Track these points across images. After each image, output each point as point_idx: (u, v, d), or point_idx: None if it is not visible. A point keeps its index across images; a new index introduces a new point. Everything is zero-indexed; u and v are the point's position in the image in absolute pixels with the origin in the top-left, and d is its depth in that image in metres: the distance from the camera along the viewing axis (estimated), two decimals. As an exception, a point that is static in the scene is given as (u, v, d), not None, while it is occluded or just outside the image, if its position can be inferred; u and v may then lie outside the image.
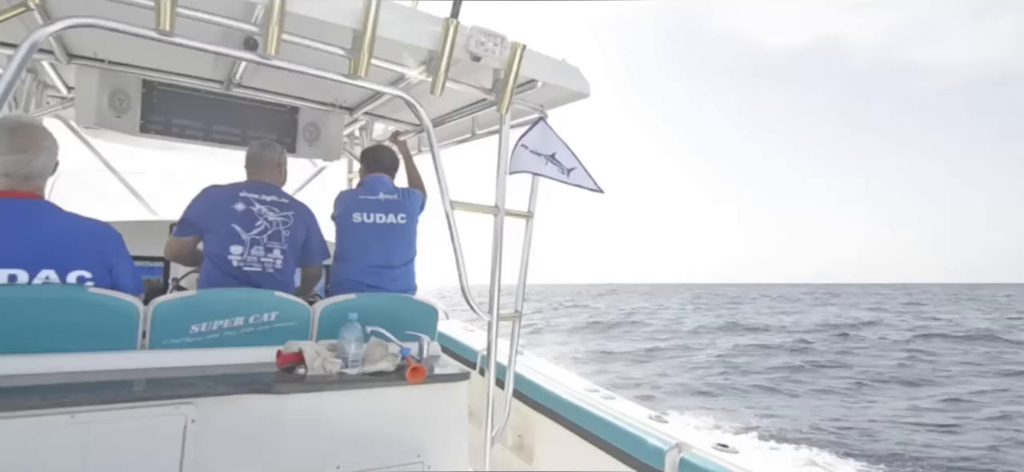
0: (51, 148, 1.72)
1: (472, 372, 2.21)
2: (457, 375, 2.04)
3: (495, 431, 2.13)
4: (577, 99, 2.30)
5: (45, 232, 1.67)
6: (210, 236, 2.29)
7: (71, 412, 1.43)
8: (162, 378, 1.65)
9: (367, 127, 3.77)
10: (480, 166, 2.27)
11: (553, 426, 2.58)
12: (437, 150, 1.99)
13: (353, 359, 1.89)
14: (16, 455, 1.36)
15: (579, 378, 2.88)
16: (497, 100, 2.02)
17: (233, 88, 2.90)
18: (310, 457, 1.75)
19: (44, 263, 1.64)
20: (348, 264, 2.72)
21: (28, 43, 1.31)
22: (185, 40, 1.55)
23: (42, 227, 1.67)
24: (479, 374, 2.80)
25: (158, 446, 1.53)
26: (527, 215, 2.24)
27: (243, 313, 1.94)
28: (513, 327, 2.25)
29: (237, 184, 2.39)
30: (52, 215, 1.71)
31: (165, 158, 3.77)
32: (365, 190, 2.80)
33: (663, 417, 2.27)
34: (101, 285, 1.73)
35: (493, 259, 2.11)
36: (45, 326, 1.62)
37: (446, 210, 2.00)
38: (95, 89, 2.67)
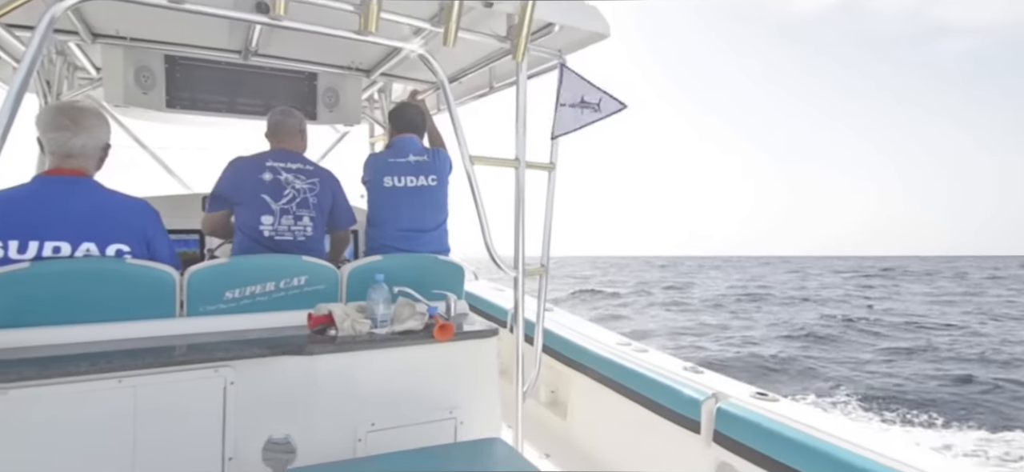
0: (92, 127, 1.78)
1: (502, 331, 2.23)
2: (485, 331, 2.05)
3: (526, 387, 2.15)
4: (596, 40, 2.21)
5: (86, 207, 1.74)
6: (241, 208, 2.33)
7: (119, 376, 1.50)
8: (201, 343, 1.71)
9: (385, 89, 3.74)
10: (506, 125, 2.21)
11: (586, 381, 2.59)
12: (453, 105, 1.96)
13: (382, 319, 1.92)
14: (70, 417, 1.45)
15: (610, 332, 2.87)
16: (512, 48, 1.96)
17: (251, 57, 2.90)
18: (345, 415, 1.81)
19: (85, 236, 1.72)
20: (380, 228, 2.74)
21: (46, 18, 1.33)
22: (196, 6, 1.54)
23: (84, 202, 1.74)
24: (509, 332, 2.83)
25: (201, 406, 1.60)
26: (549, 167, 2.20)
27: (274, 278, 1.99)
28: (540, 282, 2.24)
29: (262, 154, 2.41)
30: (93, 191, 1.78)
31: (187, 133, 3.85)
32: (394, 152, 2.78)
33: (698, 368, 2.25)
34: (139, 257, 1.80)
35: (516, 213, 2.09)
36: (88, 297, 1.69)
37: (466, 166, 1.98)
38: (121, 67, 2.71)
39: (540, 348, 2.25)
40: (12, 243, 1.64)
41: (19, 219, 1.66)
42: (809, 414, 1.78)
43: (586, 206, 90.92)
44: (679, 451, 2.09)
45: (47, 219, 1.68)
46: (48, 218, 1.69)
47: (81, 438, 1.46)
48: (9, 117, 1.31)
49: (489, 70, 2.88)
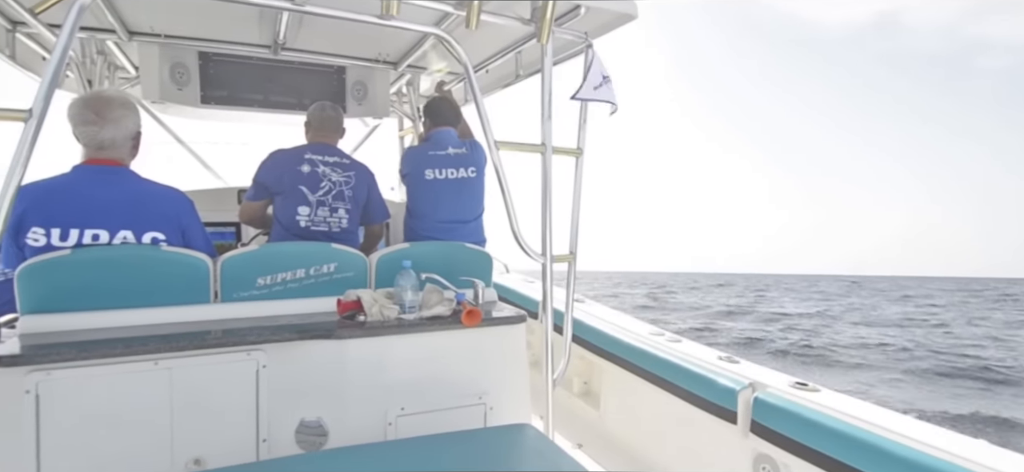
0: (119, 118, 1.80)
1: (532, 322, 2.21)
2: (513, 318, 2.03)
3: (556, 375, 2.12)
4: (623, 22, 2.17)
5: (123, 196, 1.79)
6: (279, 199, 2.39)
7: (155, 359, 1.53)
8: (233, 327, 1.74)
9: (413, 82, 3.75)
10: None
11: (619, 371, 2.55)
12: (478, 91, 1.94)
13: (410, 305, 1.92)
14: (109, 397, 1.49)
15: (642, 323, 2.81)
16: (536, 31, 1.93)
17: (280, 51, 2.94)
18: (375, 399, 1.81)
19: (123, 224, 1.77)
20: (421, 220, 2.77)
21: (76, 7, 1.36)
22: None
23: (121, 191, 1.79)
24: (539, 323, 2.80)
25: (234, 388, 1.63)
26: (576, 152, 2.16)
27: (304, 265, 2.01)
28: (569, 270, 2.20)
29: (301, 147, 2.47)
30: (130, 180, 1.83)
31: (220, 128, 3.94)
32: (433, 145, 2.81)
33: (734, 358, 2.19)
34: (174, 245, 1.84)
35: (543, 199, 2.06)
36: (126, 283, 1.74)
37: (491, 154, 1.96)
38: (156, 64, 2.79)
39: (569, 336, 2.22)
40: (54, 231, 1.70)
41: (60, 208, 1.71)
42: (854, 405, 1.70)
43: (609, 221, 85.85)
44: (715, 442, 2.03)
45: (86, 208, 1.74)
46: (87, 207, 1.74)
47: (120, 418, 1.50)
48: (42, 109, 1.34)
49: (515, 58, 2.85)
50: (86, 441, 1.47)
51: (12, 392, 1.41)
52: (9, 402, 1.41)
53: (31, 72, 2.88)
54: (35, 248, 1.69)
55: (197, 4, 1.52)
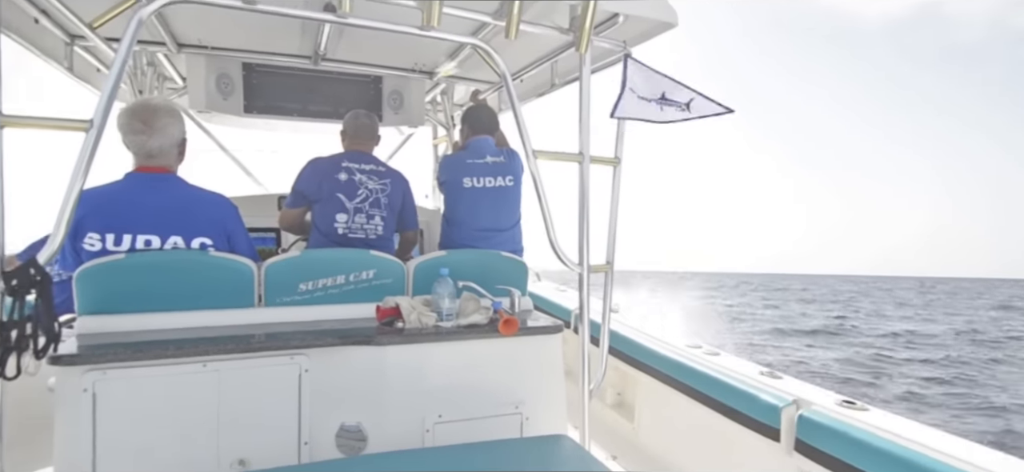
0: (165, 127, 1.87)
1: (566, 332, 2.19)
2: (550, 327, 2.03)
3: (592, 386, 2.10)
4: (663, 31, 2.15)
5: (172, 203, 1.86)
6: (317, 206, 2.44)
7: (203, 361, 1.58)
8: (277, 331, 1.78)
9: (448, 91, 3.79)
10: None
11: (654, 383, 2.51)
12: (516, 100, 1.94)
13: (447, 313, 1.93)
14: (160, 397, 1.54)
15: (679, 334, 2.77)
16: (575, 40, 1.93)
17: (320, 62, 3.02)
18: (413, 405, 1.83)
19: (173, 230, 1.83)
20: (458, 228, 2.79)
21: (133, 23, 1.42)
22: (269, 7, 1.60)
23: (170, 198, 1.86)
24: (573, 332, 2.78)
25: (278, 392, 1.66)
26: (614, 161, 2.15)
27: (344, 271, 2.04)
28: (605, 280, 2.18)
29: (339, 155, 2.52)
30: (178, 187, 1.90)
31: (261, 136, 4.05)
32: (471, 153, 2.83)
33: (776, 373, 2.13)
34: (220, 250, 1.91)
35: (580, 208, 2.05)
36: (176, 286, 1.80)
37: (529, 162, 1.96)
38: (203, 75, 2.89)
39: (606, 347, 2.19)
40: (109, 236, 1.78)
41: (114, 215, 1.79)
42: (906, 426, 1.63)
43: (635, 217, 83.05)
44: (756, 459, 1.97)
45: (138, 214, 1.81)
46: (139, 214, 1.81)
47: (170, 417, 1.55)
48: (102, 120, 1.40)
49: (551, 67, 2.86)
50: (138, 438, 1.52)
51: (71, 390, 1.47)
52: (68, 399, 1.47)
53: (86, 83, 3.02)
54: (91, 252, 1.76)
55: (243, 17, 1.57)
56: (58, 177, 1.42)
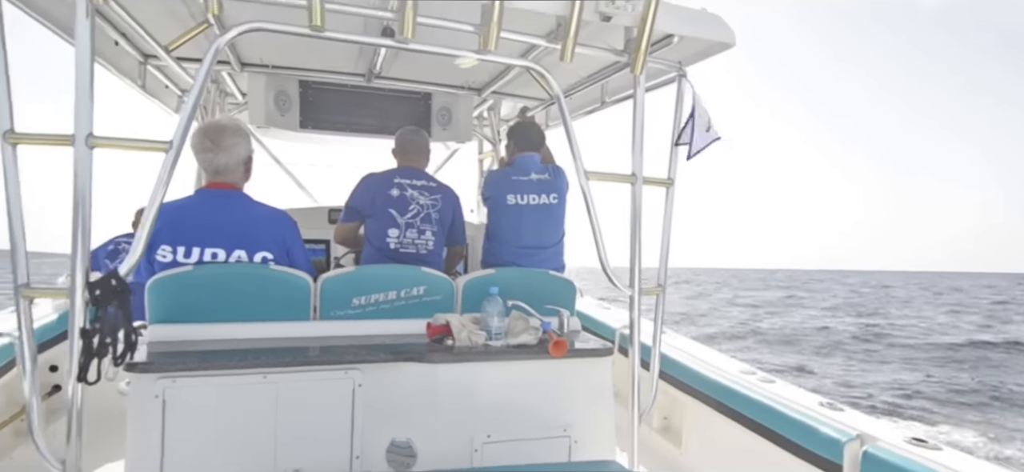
0: (232, 145, 1.96)
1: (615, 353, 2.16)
2: (599, 350, 2.00)
3: (642, 411, 2.06)
4: (720, 51, 2.11)
5: (237, 218, 1.95)
6: (370, 221, 2.51)
7: (264, 372, 1.63)
8: (332, 345, 1.82)
9: (495, 107, 3.83)
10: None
11: (704, 409, 2.44)
12: (569, 120, 1.94)
13: (496, 332, 1.94)
14: (223, 406, 1.60)
15: (730, 358, 2.69)
16: (630, 61, 1.92)
17: (374, 80, 3.10)
18: (462, 424, 1.83)
19: (237, 244, 1.92)
20: (501, 244, 2.80)
21: (212, 50, 1.49)
22: (333, 33, 1.66)
23: (235, 214, 1.95)
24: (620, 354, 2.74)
25: (332, 405, 1.70)
26: (667, 182, 2.12)
27: (395, 287, 2.08)
28: (657, 302, 2.14)
29: (391, 171, 2.58)
30: (243, 204, 1.99)
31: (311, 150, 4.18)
32: (517, 170, 2.85)
33: (837, 405, 2.04)
34: (280, 264, 1.98)
35: (632, 229, 2.03)
36: (238, 297, 1.87)
37: (581, 182, 1.95)
38: (263, 92, 3.01)
39: (656, 372, 2.15)
40: (180, 249, 1.88)
41: (185, 228, 1.89)
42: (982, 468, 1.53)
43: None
44: None
45: (206, 229, 1.91)
46: (207, 228, 1.91)
47: (232, 425, 1.61)
48: (181, 140, 1.48)
49: (601, 86, 2.85)
50: (202, 443, 1.58)
51: (144, 395, 1.54)
52: (141, 403, 1.55)
53: (156, 99, 3.19)
54: (163, 263, 1.86)
55: (303, 40, 1.64)
56: (100, 187, 1.50)
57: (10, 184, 1.39)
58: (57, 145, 1.40)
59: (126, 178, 15.15)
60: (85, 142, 1.38)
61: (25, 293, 1.43)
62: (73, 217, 1.40)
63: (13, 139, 1.38)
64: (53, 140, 1.41)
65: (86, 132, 1.38)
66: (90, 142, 1.39)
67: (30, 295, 1.44)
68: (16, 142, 1.39)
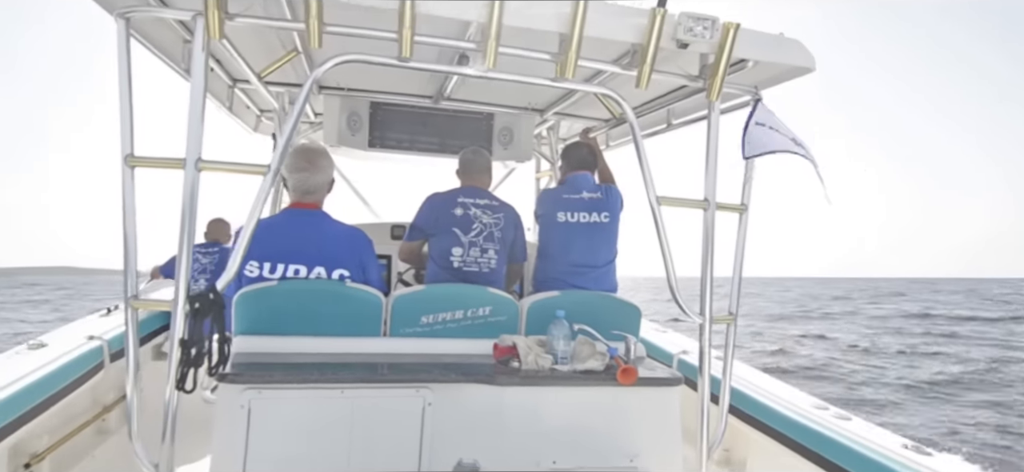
0: (325, 167, 2.11)
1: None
2: (669, 379, 1.97)
3: (711, 445, 2.00)
4: (798, 75, 2.06)
5: (319, 237, 2.05)
6: (434, 239, 2.56)
7: (341, 388, 1.70)
8: (404, 363, 1.87)
9: (555, 126, 3.86)
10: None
11: (771, 444, 2.35)
12: (641, 143, 1.94)
13: (562, 356, 1.94)
14: (303, 417, 1.67)
15: (801, 392, 2.58)
16: (706, 86, 1.90)
17: (442, 101, 3.19)
18: (528, 448, 1.84)
19: (318, 261, 2.02)
20: (551, 262, 2.81)
21: (310, 80, 1.58)
22: (416, 64, 1.72)
23: (317, 233, 2.06)
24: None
25: (403, 422, 1.74)
26: (741, 208, 2.07)
27: (462, 307, 2.12)
28: (727, 332, 2.09)
29: (454, 190, 2.64)
30: (324, 223, 2.10)
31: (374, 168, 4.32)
32: (569, 188, 2.86)
33: (923, 448, 1.92)
34: (356, 280, 2.05)
35: (704, 256, 1.99)
36: (315, 312, 1.96)
37: (652, 205, 1.94)
38: (337, 113, 3.15)
39: (726, 406, 2.08)
40: (266, 264, 1.99)
41: (272, 245, 2.00)
42: None
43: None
44: None
45: (291, 247, 2.02)
46: (291, 246, 2.02)
47: (310, 436, 1.67)
48: (279, 163, 1.57)
49: (667, 109, 2.82)
50: (282, 453, 1.65)
51: (231, 404, 1.63)
52: (228, 412, 1.63)
53: (238, 119, 3.39)
54: (250, 278, 1.97)
55: (379, 68, 1.70)
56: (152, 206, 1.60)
57: (127, 205, 1.51)
58: (170, 168, 1.51)
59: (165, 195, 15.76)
60: (194, 165, 1.49)
61: (134, 304, 1.54)
62: (179, 235, 1.51)
63: (133, 162, 1.50)
64: (167, 163, 1.52)
65: (196, 156, 1.49)
66: (199, 166, 1.50)
67: (138, 306, 1.56)
68: (135, 165, 1.51)
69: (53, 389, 2.06)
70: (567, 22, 1.67)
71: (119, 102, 1.50)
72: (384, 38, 1.62)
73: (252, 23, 1.59)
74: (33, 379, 1.98)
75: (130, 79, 1.49)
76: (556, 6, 1.66)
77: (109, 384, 2.64)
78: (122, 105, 1.49)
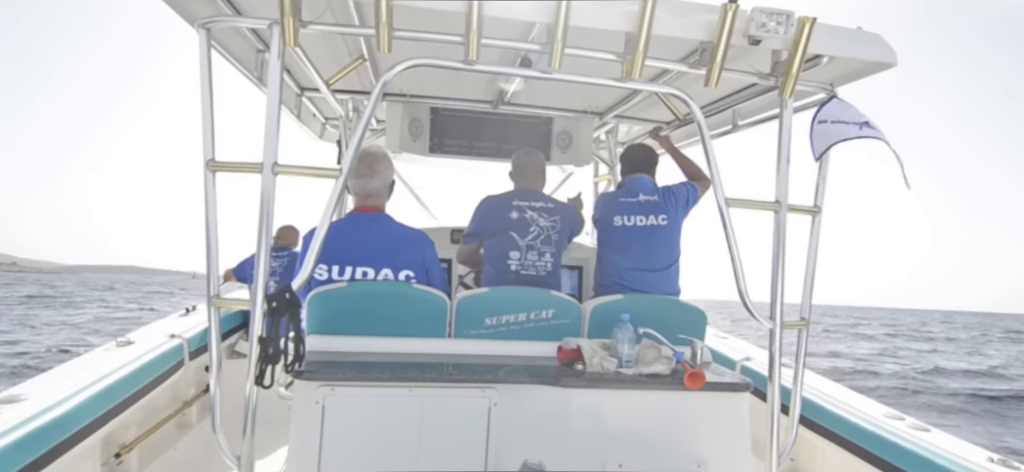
0: (384, 172, 2.18)
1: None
2: (737, 385, 1.90)
3: (781, 454, 1.91)
4: (878, 71, 1.94)
5: (384, 239, 2.12)
6: (490, 243, 2.58)
7: (409, 386, 1.74)
8: (469, 364, 1.90)
9: (613, 130, 3.81)
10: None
11: (844, 455, 2.22)
12: (710, 143, 1.88)
13: (627, 359, 1.91)
14: (374, 415, 1.72)
15: (871, 401, 2.43)
16: (779, 83, 1.82)
17: (501, 106, 3.22)
18: (594, 450, 1.82)
19: (384, 263, 2.08)
20: (610, 267, 2.78)
21: (379, 86, 1.62)
22: (484, 67, 1.74)
23: (382, 236, 2.13)
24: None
25: (469, 422, 1.76)
26: (813, 210, 1.97)
27: (526, 309, 2.12)
28: (799, 338, 1.99)
29: (509, 193, 2.65)
30: (389, 225, 2.17)
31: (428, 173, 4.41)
32: (625, 192, 2.83)
33: (1012, 463, 1.77)
34: (420, 281, 2.10)
35: (775, 258, 1.91)
36: (383, 313, 2.01)
37: (721, 207, 1.88)
38: (399, 120, 3.24)
39: (797, 415, 1.99)
40: (334, 267, 2.07)
41: (339, 248, 2.08)
42: None
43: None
44: None
45: (357, 249, 2.09)
46: (358, 249, 2.10)
47: (380, 432, 1.72)
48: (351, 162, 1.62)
49: (733, 110, 2.74)
50: (354, 448, 1.71)
51: (306, 401, 1.70)
52: (303, 408, 1.71)
53: (305, 126, 3.55)
54: (319, 280, 2.05)
55: (439, 75, 1.73)
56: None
57: (210, 207, 1.60)
58: (249, 172, 1.59)
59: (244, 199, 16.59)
60: (271, 170, 1.57)
61: (216, 303, 1.64)
62: (257, 236, 1.58)
63: (214, 167, 1.59)
64: (246, 168, 1.61)
65: (272, 161, 1.57)
66: (275, 170, 1.57)
67: (219, 305, 1.65)
68: (216, 169, 1.60)
69: (139, 384, 2.20)
70: (635, 21, 1.64)
71: (201, 109, 1.57)
72: (449, 42, 1.65)
73: (324, 30, 1.65)
74: (122, 375, 2.12)
75: (211, 87, 1.58)
76: (623, 5, 1.64)
77: (189, 380, 2.80)
78: (203, 112, 1.57)
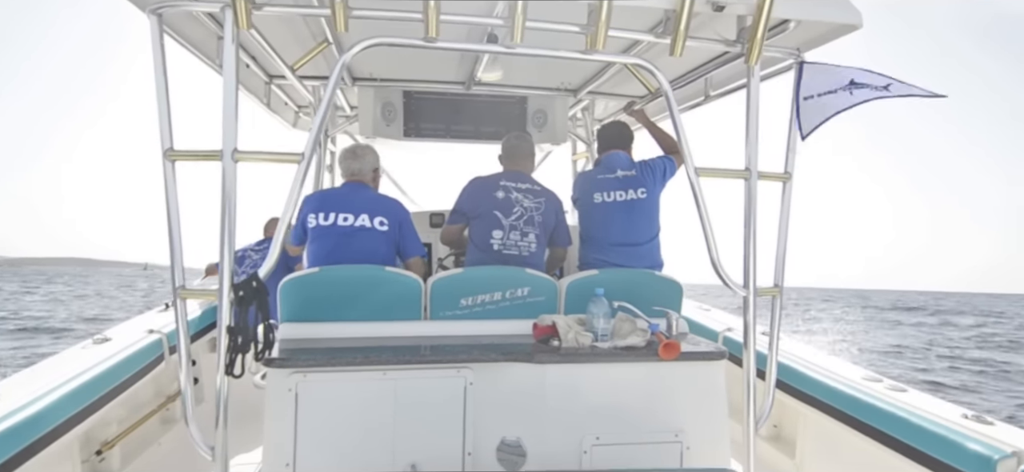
0: (369, 158, 2.60)
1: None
2: (712, 353, 1.92)
3: (758, 419, 1.94)
4: (844, 33, 1.94)
5: (364, 197, 2.47)
6: (475, 222, 2.58)
7: (383, 370, 1.73)
8: (444, 345, 1.89)
9: (589, 107, 3.79)
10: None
11: (823, 418, 2.26)
12: (678, 115, 1.87)
13: (602, 333, 1.92)
14: (348, 400, 1.71)
15: (851, 365, 2.47)
16: (745, 50, 1.82)
17: (473, 86, 3.18)
18: (571, 425, 1.83)
19: (361, 211, 2.39)
20: (593, 244, 2.78)
21: (338, 67, 1.59)
22: (443, 44, 1.71)
23: (363, 195, 2.49)
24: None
25: (445, 402, 1.76)
26: (784, 177, 1.98)
27: (500, 288, 2.12)
28: (773, 304, 2.01)
29: (497, 174, 2.65)
30: (370, 191, 2.56)
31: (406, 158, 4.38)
32: (602, 168, 2.82)
33: (985, 418, 1.81)
34: (392, 235, 2.41)
35: (746, 227, 1.92)
36: (357, 297, 2.00)
37: (691, 178, 1.88)
38: (371, 104, 3.19)
39: (773, 379, 2.01)
40: (321, 215, 2.38)
41: (328, 204, 2.42)
42: None
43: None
44: None
45: (341, 203, 2.43)
46: (342, 202, 2.43)
47: (356, 418, 1.71)
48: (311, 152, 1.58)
49: (705, 80, 2.73)
50: (330, 433, 1.70)
51: (279, 388, 1.69)
52: (277, 397, 1.69)
53: (277, 116, 3.48)
54: (310, 227, 2.37)
55: (409, 50, 1.69)
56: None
57: (170, 197, 1.57)
58: (207, 160, 1.56)
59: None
60: (231, 156, 1.53)
61: (182, 294, 1.61)
62: (220, 225, 1.55)
63: (172, 156, 1.56)
64: (204, 156, 1.57)
65: (232, 147, 1.53)
66: (235, 156, 1.54)
67: (185, 296, 1.62)
68: (174, 159, 1.56)
69: (118, 380, 2.17)
70: None
71: (156, 98, 1.54)
72: (411, 19, 1.61)
73: (279, 12, 1.61)
74: (99, 371, 2.09)
75: (165, 75, 1.54)
76: None
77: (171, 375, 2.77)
78: (159, 101, 1.53)
